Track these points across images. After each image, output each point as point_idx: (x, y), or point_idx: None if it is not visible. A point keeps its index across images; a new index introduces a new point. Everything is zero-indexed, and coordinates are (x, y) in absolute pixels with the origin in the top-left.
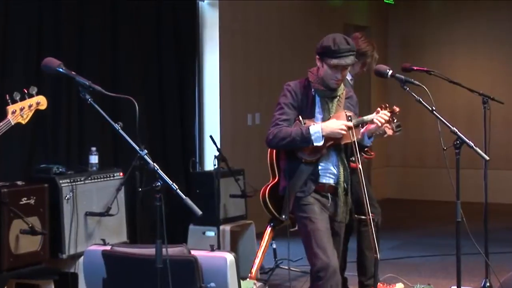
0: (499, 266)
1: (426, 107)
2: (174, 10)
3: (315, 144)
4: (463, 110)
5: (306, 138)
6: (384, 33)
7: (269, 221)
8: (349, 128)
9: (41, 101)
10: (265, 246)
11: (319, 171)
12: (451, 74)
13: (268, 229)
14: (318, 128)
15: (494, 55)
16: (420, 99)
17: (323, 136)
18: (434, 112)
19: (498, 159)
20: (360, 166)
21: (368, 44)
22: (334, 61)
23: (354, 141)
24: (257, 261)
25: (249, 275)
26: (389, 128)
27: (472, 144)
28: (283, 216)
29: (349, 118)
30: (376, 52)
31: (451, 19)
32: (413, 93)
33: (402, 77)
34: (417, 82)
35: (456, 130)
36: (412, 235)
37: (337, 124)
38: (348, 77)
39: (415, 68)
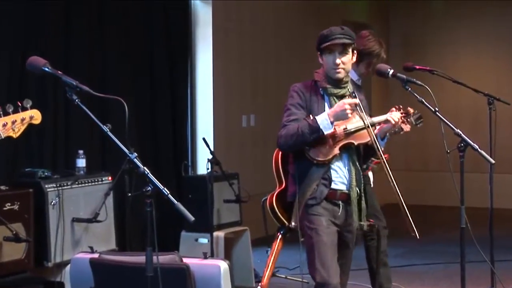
0: (505, 274)
1: (429, 108)
2: (165, 9)
3: (325, 132)
4: (468, 111)
5: (314, 128)
6: (384, 31)
7: (278, 229)
8: (355, 105)
9: (35, 115)
10: (276, 254)
11: (331, 175)
12: (455, 74)
13: (278, 238)
14: (324, 116)
15: (499, 54)
16: (423, 100)
17: (331, 122)
18: (437, 113)
19: (504, 163)
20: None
21: (375, 43)
22: (327, 43)
23: (374, 139)
24: (267, 271)
25: (260, 284)
26: (406, 124)
27: (477, 147)
28: (293, 224)
29: (353, 94)
30: (384, 51)
31: (454, 16)
32: (415, 94)
33: (404, 76)
34: (419, 82)
35: (460, 132)
36: (414, 243)
37: (340, 104)
38: (354, 77)
39: (417, 67)
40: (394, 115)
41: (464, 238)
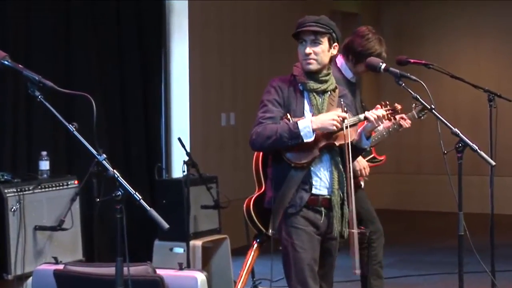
0: (507, 286)
1: (424, 105)
2: None
3: (305, 140)
4: (466, 108)
5: (294, 134)
6: (375, 21)
7: (255, 236)
8: (343, 119)
9: None
10: (250, 266)
11: (312, 179)
12: (453, 68)
13: (254, 246)
14: (307, 122)
15: (501, 47)
16: (417, 96)
17: (313, 130)
18: (433, 111)
19: (505, 165)
20: (351, 173)
21: (375, 42)
22: (297, 31)
23: (348, 143)
24: (239, 284)
25: None
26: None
27: (476, 148)
28: (271, 231)
29: (345, 109)
30: (385, 51)
31: (452, 5)
32: (409, 90)
33: (397, 71)
34: (413, 77)
35: (458, 132)
36: (408, 251)
37: (329, 115)
38: (348, 75)
39: (411, 61)
40: (374, 112)
41: (462, 246)
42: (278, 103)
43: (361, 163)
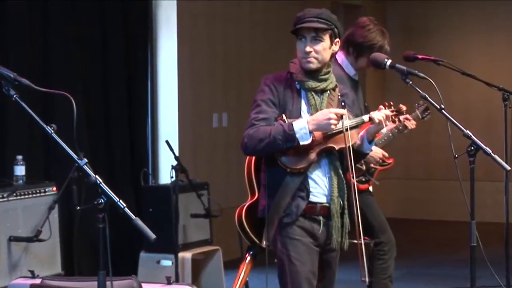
0: None
1: (433, 105)
2: None
3: (301, 143)
4: (479, 108)
5: (289, 136)
6: (380, 14)
7: (248, 248)
8: (341, 115)
9: None
10: (243, 280)
11: (309, 185)
12: (464, 64)
13: (247, 259)
14: (303, 123)
15: None
16: (426, 95)
17: (310, 132)
18: (443, 111)
19: None
20: (354, 181)
21: (376, 33)
22: (296, 27)
23: (349, 146)
24: None
25: None
26: (410, 121)
27: (490, 151)
28: (265, 243)
29: (342, 103)
30: (388, 43)
31: None
32: (417, 88)
33: (404, 67)
34: (422, 74)
35: (470, 134)
36: (417, 263)
37: (325, 113)
38: (351, 72)
39: (419, 57)
40: (378, 113)
41: (474, 258)
42: (272, 103)
43: (375, 154)
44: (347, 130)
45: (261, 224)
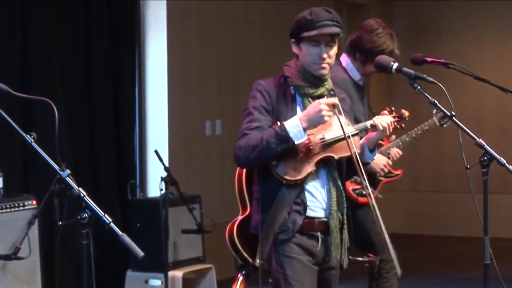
0: None
1: (443, 111)
2: None
3: (296, 142)
4: (493, 115)
5: (282, 137)
6: (387, 13)
7: (240, 267)
8: (333, 105)
9: None
10: None
11: (306, 199)
12: (477, 68)
13: (239, 280)
14: (295, 121)
15: None
16: (435, 101)
17: (304, 129)
18: (453, 118)
19: None
20: (371, 194)
21: (386, 38)
22: (313, 32)
23: (356, 153)
24: None
25: None
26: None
27: (505, 161)
28: (259, 261)
29: (332, 93)
30: (397, 47)
31: None
32: (425, 93)
33: (411, 71)
34: (431, 79)
35: (483, 143)
36: (425, 283)
37: (314, 106)
38: (356, 77)
39: (428, 59)
40: (382, 119)
41: (488, 277)
42: (265, 110)
43: (379, 161)
44: (349, 137)
45: (254, 241)
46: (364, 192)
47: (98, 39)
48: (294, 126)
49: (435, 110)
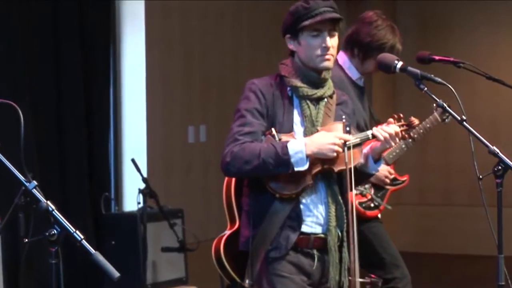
0: None
1: (453, 115)
2: None
3: (296, 169)
4: (508, 120)
5: (283, 161)
6: (390, 9)
7: (226, 287)
8: (345, 143)
9: None
10: None
11: (302, 214)
12: (490, 68)
13: None
14: (300, 146)
15: None
16: (444, 104)
17: (307, 156)
18: (464, 123)
19: None
20: (353, 205)
21: (386, 31)
22: (317, 18)
23: (351, 168)
24: None
25: None
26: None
27: None
28: (248, 282)
29: (347, 129)
30: (400, 42)
31: None
32: (433, 95)
33: (417, 71)
34: (439, 79)
35: (497, 151)
36: None
37: (328, 137)
38: (354, 76)
39: (436, 58)
40: (384, 129)
41: None
42: (259, 113)
43: (381, 169)
44: (349, 148)
45: (243, 258)
46: (372, 205)
47: (68, 36)
48: (297, 151)
49: (435, 105)
